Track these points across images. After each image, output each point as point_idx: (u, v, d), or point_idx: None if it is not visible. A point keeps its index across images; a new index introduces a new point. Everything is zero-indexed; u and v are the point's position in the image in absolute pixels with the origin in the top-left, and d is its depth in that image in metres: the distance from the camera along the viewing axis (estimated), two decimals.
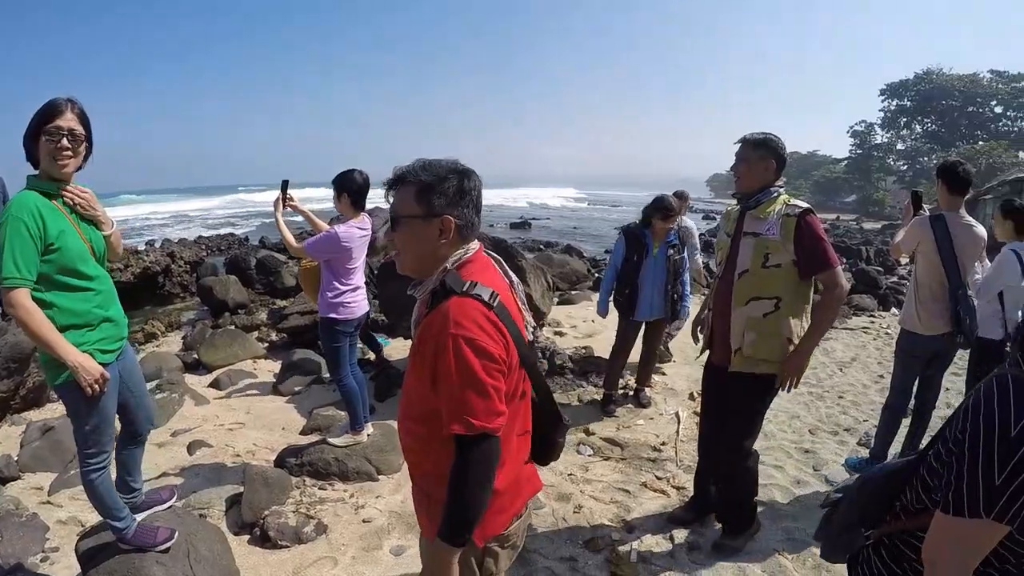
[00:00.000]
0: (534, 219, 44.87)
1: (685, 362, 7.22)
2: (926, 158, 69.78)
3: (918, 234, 4.08)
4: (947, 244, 3.94)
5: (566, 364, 6.61)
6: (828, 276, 3.01)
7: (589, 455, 4.93)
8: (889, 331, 9.27)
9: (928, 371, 4.35)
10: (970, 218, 4.08)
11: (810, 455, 5.03)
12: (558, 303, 11.53)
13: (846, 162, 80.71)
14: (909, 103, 76.54)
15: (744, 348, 3.11)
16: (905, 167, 73.32)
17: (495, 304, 1.66)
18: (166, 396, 6.09)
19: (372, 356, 6.96)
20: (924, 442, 4.89)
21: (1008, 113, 72.12)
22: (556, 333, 8.66)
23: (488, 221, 40.50)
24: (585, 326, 9.34)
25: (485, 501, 1.64)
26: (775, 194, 3.11)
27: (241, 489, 4.12)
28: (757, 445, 5.05)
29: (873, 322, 10.38)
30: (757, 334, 3.08)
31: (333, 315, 4.41)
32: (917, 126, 77.48)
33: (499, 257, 1.96)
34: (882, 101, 78.81)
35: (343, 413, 5.18)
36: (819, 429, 5.61)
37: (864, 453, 4.83)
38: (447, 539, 1.63)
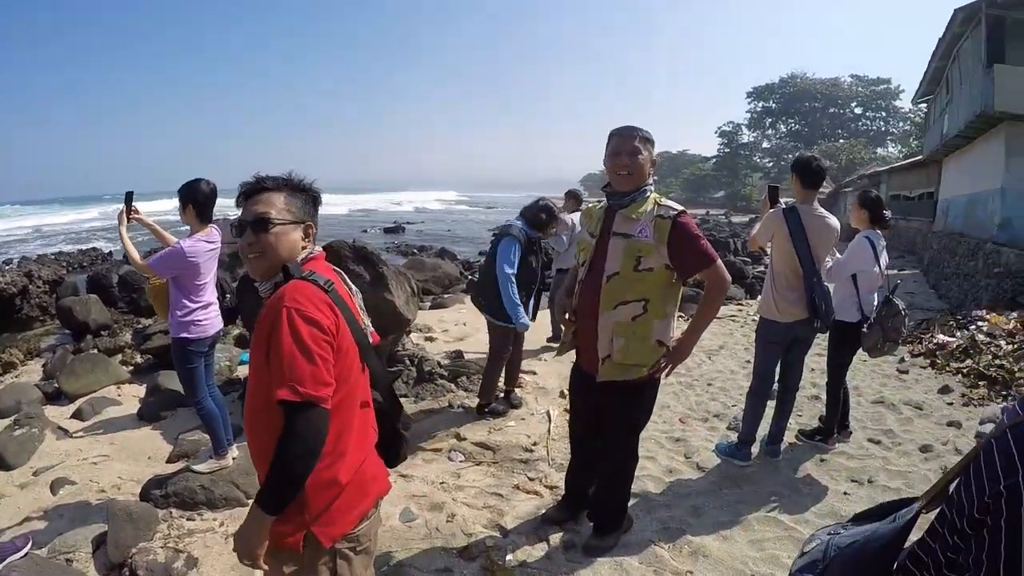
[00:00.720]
0: (408, 223, 44.64)
1: (556, 360, 7.18)
2: (790, 155, 76.78)
3: (773, 225, 4.29)
4: (800, 235, 4.16)
5: (435, 370, 6.46)
6: (710, 272, 3.03)
7: (461, 461, 4.83)
8: (755, 318, 9.60)
9: (790, 355, 4.57)
10: (823, 210, 4.32)
11: (681, 443, 5.16)
12: (430, 308, 11.67)
13: (714, 160, 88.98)
14: (774, 104, 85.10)
15: (614, 355, 3.08)
16: (771, 164, 79.95)
17: (330, 289, 1.82)
18: (25, 432, 5.62)
19: (238, 374, 6.61)
20: (792, 423, 5.21)
21: (867, 114, 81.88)
22: (427, 339, 8.64)
23: (362, 226, 40.05)
24: (457, 330, 9.40)
25: (306, 472, 1.68)
26: (647, 193, 3.07)
27: (107, 528, 3.82)
28: None
29: (741, 310, 10.96)
30: (626, 339, 3.05)
31: (184, 335, 4.23)
32: (782, 126, 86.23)
33: (340, 271, 2.10)
34: (749, 103, 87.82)
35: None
36: (689, 417, 5.77)
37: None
38: (263, 505, 1.68)
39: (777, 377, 4.71)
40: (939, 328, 8.55)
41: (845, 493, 4.32)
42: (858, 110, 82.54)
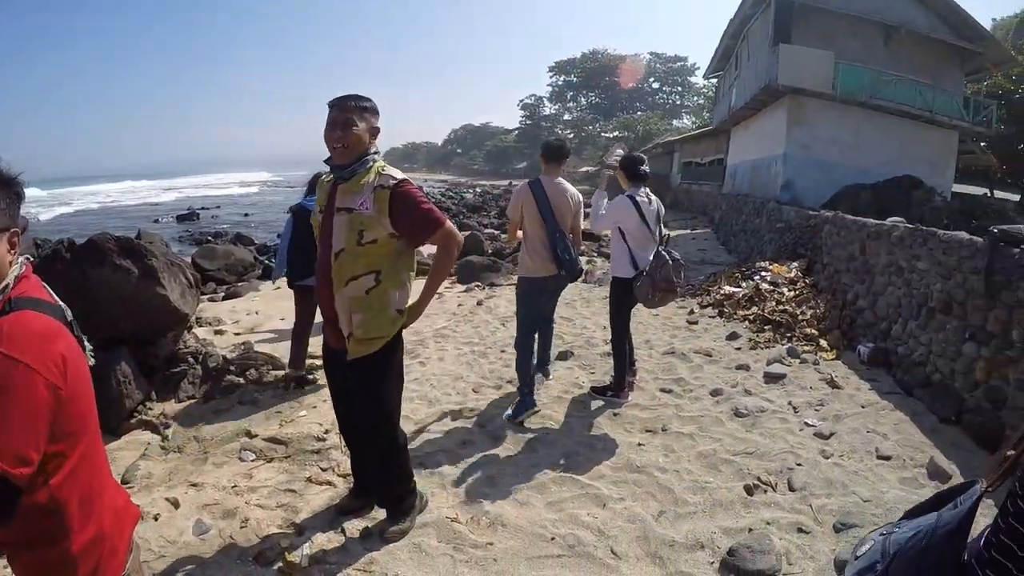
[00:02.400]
0: (204, 208, 41.50)
1: None
2: (591, 127, 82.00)
3: (520, 197, 4.87)
4: (544, 201, 4.75)
5: (222, 366, 5.93)
6: (440, 235, 3.04)
7: (252, 460, 4.41)
8: None
9: (547, 304, 5.20)
10: (565, 182, 4.98)
11: (475, 413, 4.94)
12: (224, 298, 11.06)
13: (517, 132, 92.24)
14: (576, 79, 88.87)
15: (355, 331, 3.01)
16: (572, 135, 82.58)
17: (57, 314, 1.57)
18: None
19: None
20: (585, 379, 5.27)
21: (664, 88, 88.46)
22: (216, 332, 7.99)
23: (153, 216, 37.34)
24: (248, 320, 8.83)
25: None
26: (369, 164, 2.98)
27: None
28: (421, 412, 4.93)
29: None
30: (364, 314, 3.00)
31: None
32: (583, 99, 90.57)
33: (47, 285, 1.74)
34: (551, 77, 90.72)
35: None
36: (483, 386, 5.56)
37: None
38: None
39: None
40: (726, 280, 9.01)
41: (639, 444, 4.32)
42: (656, 85, 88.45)
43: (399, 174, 2.98)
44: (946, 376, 5.03)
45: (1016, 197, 19.79)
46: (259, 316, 8.88)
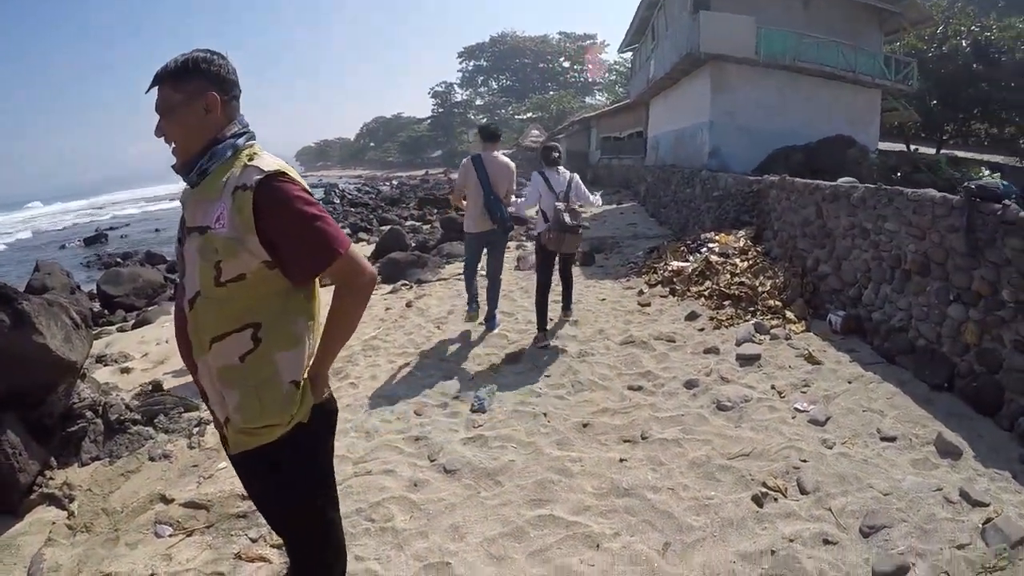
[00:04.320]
0: (112, 229, 39.16)
1: None
2: (503, 110, 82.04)
3: (465, 170, 6.21)
4: (483, 172, 6.05)
5: (126, 416, 5.09)
6: (340, 266, 1.91)
7: (169, 535, 3.63)
8: None
9: (490, 256, 6.41)
10: (500, 155, 6.30)
11: (422, 442, 4.19)
12: (133, 326, 10.23)
13: (429, 121, 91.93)
14: (486, 63, 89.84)
15: (232, 417, 1.96)
16: (484, 119, 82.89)
17: None
18: None
19: None
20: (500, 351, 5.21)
21: (575, 67, 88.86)
22: (122, 371, 7.08)
23: (59, 242, 35.36)
24: (158, 350, 7.89)
25: None
26: (228, 153, 1.95)
27: None
28: (359, 448, 4.10)
29: None
30: (240, 392, 1.94)
31: None
32: (494, 83, 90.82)
33: None
34: (460, 63, 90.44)
35: None
36: (426, 405, 4.78)
37: (481, 419, 4.29)
38: None
39: (486, 273, 6.51)
40: (671, 254, 8.50)
41: (621, 460, 3.68)
42: (567, 64, 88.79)
43: (272, 162, 1.91)
44: (932, 341, 4.66)
45: (932, 151, 20.26)
46: (169, 345, 7.82)
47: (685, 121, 16.49)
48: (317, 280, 2.02)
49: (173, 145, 1.95)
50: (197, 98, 1.91)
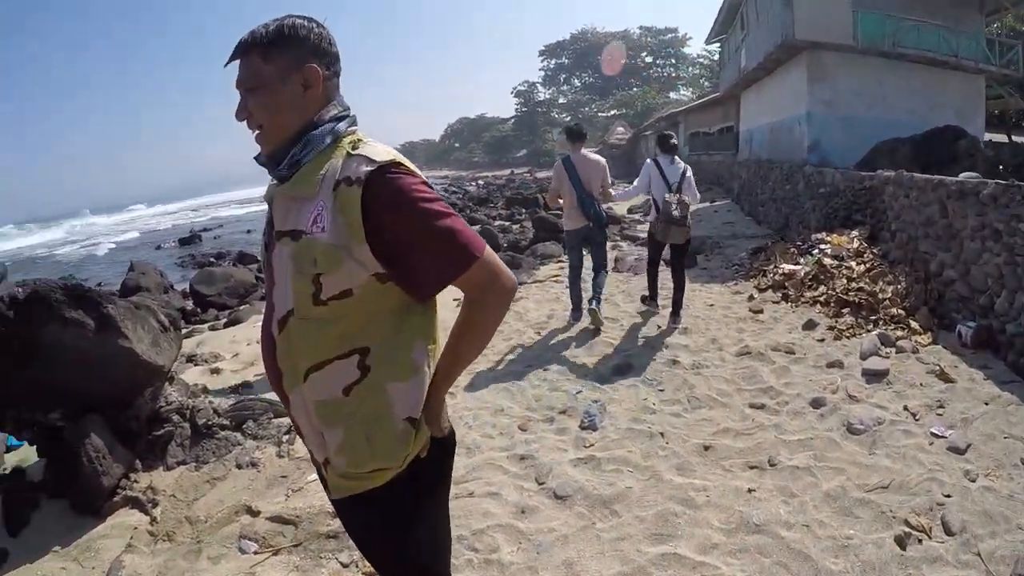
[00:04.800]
0: (206, 230, 40.68)
1: None
2: (587, 108, 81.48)
3: (557, 171, 6.39)
4: (573, 172, 6.21)
5: (213, 421, 4.98)
6: (476, 273, 1.54)
7: (254, 552, 3.46)
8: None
9: (587, 246, 6.60)
10: (589, 153, 6.46)
11: (528, 461, 3.93)
12: (225, 325, 10.21)
13: (513, 120, 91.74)
14: (567, 60, 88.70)
15: (334, 460, 1.61)
16: (568, 118, 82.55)
17: None
18: None
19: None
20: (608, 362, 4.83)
21: (657, 62, 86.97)
22: (213, 372, 7.03)
23: (155, 242, 36.99)
24: (249, 351, 7.77)
25: None
26: (327, 140, 1.59)
27: None
28: (459, 465, 3.77)
29: (563, 267, 9.84)
30: (343, 430, 1.59)
31: None
32: (576, 80, 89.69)
33: None
34: (542, 61, 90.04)
35: None
36: (531, 420, 4.53)
37: (592, 436, 4.02)
38: None
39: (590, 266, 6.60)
40: (780, 257, 8.04)
41: (749, 490, 3.34)
42: (649, 59, 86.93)
43: (382, 151, 1.55)
44: None
45: None
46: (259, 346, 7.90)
47: (780, 113, 15.74)
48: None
49: (257, 131, 1.61)
50: (293, 71, 1.55)
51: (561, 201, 6.44)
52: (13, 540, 4.27)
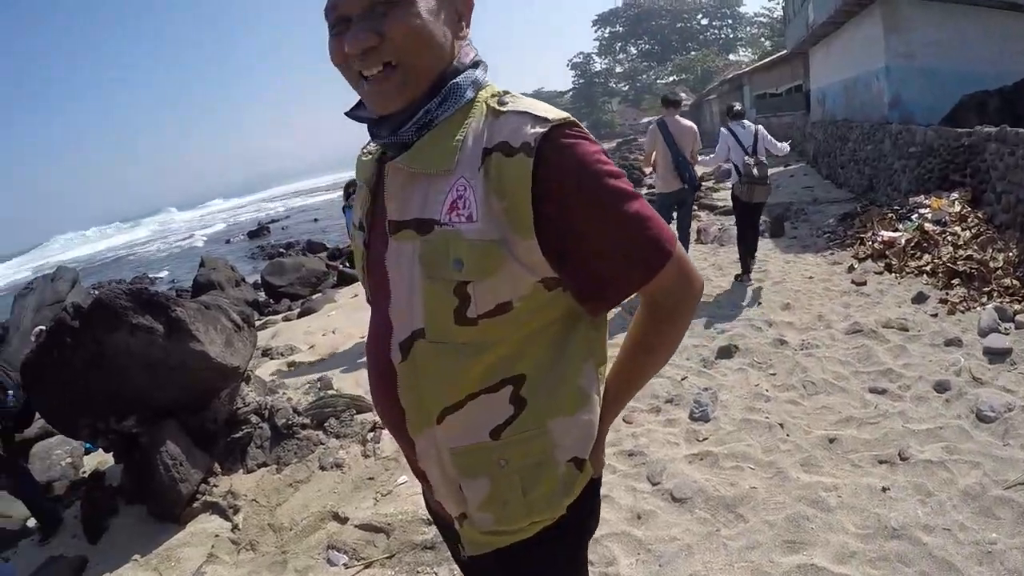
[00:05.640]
0: (273, 222, 41.76)
1: None
2: (645, 76, 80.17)
3: (652, 134, 6.70)
4: (668, 135, 6.48)
5: (293, 421, 4.82)
6: (669, 274, 1.14)
7: (344, 565, 3.30)
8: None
9: (680, 212, 6.94)
10: (681, 118, 6.69)
11: (638, 459, 3.75)
12: (298, 315, 10.31)
13: (571, 93, 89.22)
14: (621, 28, 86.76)
15: (476, 516, 1.23)
16: (627, 87, 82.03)
17: None
18: None
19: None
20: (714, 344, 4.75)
21: (714, 24, 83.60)
22: (289, 366, 6.98)
23: (225, 236, 37.82)
24: (325, 342, 7.77)
25: None
26: (470, 92, 1.15)
27: None
28: None
29: None
30: (493, 481, 1.20)
31: None
32: (632, 48, 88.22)
33: None
34: (595, 31, 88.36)
35: None
36: (635, 411, 4.31)
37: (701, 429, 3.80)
38: None
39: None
40: (876, 223, 7.61)
41: (884, 489, 3.08)
42: (704, 21, 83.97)
43: (547, 108, 1.12)
44: None
45: None
46: (336, 336, 7.90)
47: (855, 69, 14.76)
48: None
49: (377, 71, 1.08)
50: (449, 4, 1.13)
51: (651, 166, 6.84)
52: (92, 547, 4.28)
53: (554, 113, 1.09)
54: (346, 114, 1.26)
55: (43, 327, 5.28)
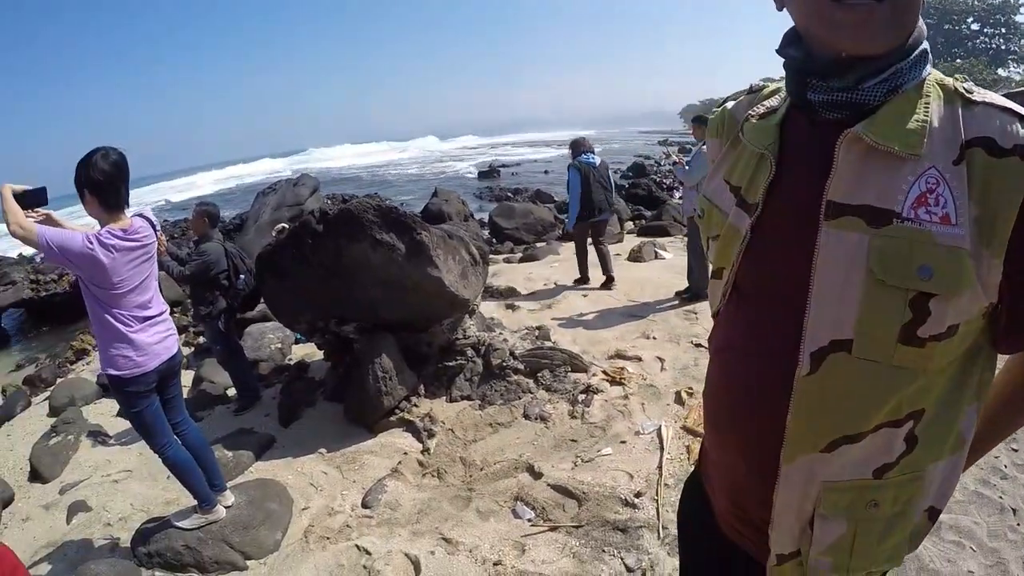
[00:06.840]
0: (504, 167, 42.87)
1: (668, 336, 5.50)
2: None
3: None
4: None
5: (507, 363, 4.83)
6: None
7: (529, 520, 3.29)
8: None
9: None
10: None
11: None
12: (520, 260, 10.32)
13: None
14: None
15: (816, 559, 1.09)
16: None
17: None
18: (60, 440, 5.09)
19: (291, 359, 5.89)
20: None
21: (984, 30, 74.75)
22: (508, 307, 6.98)
23: (458, 171, 39.23)
24: (546, 291, 7.70)
25: None
26: (927, 69, 0.98)
27: None
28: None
29: None
30: (851, 522, 1.05)
31: (113, 371, 2.99)
32: None
33: None
34: None
35: (230, 454, 4.22)
36: None
37: None
38: None
39: None
40: None
41: None
42: (975, 26, 74.83)
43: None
44: None
45: None
46: (557, 289, 7.78)
47: None
48: None
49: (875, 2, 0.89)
50: None
51: None
52: (281, 430, 4.59)
53: None
54: (777, 51, 1.09)
55: (285, 224, 5.59)
